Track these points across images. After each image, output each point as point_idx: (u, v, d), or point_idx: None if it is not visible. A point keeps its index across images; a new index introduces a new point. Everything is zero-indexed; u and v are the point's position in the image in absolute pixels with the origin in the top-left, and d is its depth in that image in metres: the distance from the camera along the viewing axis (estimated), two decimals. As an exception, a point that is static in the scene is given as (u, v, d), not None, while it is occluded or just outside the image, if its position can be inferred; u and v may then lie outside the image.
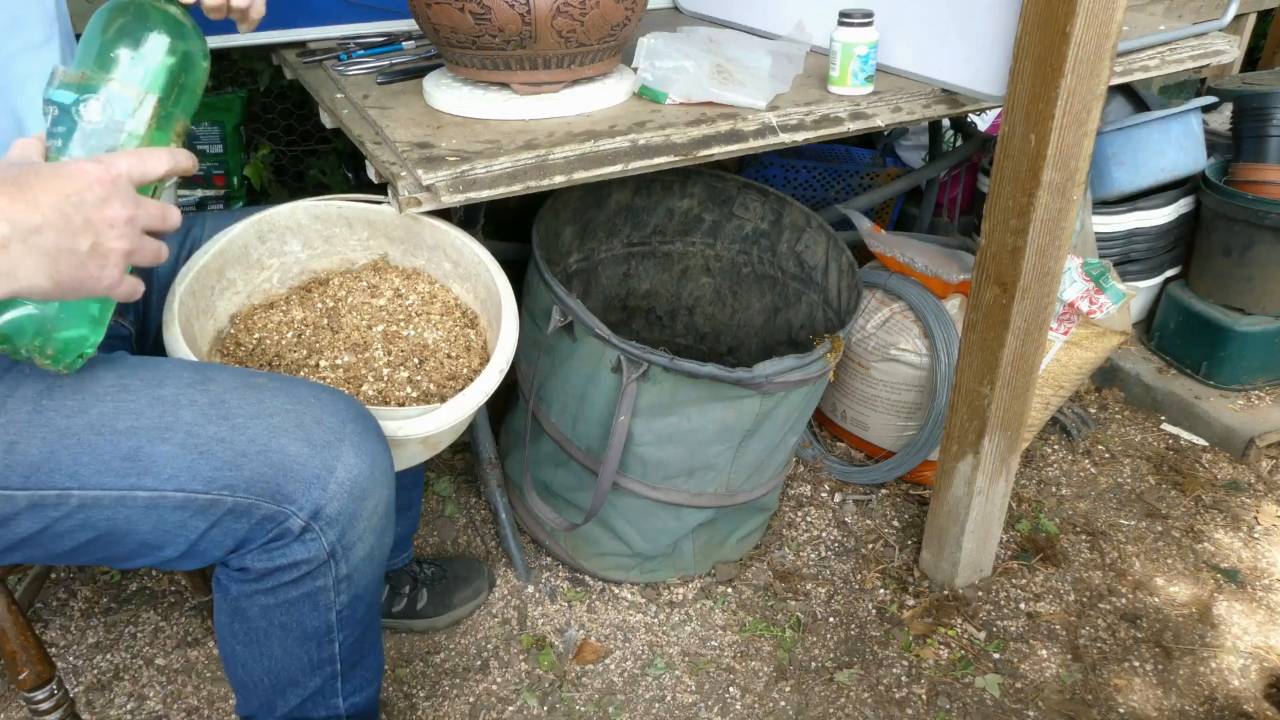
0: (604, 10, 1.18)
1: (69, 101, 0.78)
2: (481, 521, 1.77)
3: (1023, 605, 1.59)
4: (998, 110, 1.58)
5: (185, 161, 0.77)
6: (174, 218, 0.76)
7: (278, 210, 1.19)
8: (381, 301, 1.20)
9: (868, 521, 1.78)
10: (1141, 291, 2.17)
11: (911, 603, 1.60)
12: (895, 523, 1.77)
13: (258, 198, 2.21)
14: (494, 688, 1.45)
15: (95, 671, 1.47)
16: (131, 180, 0.72)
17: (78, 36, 0.86)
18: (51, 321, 0.77)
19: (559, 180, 1.13)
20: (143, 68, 0.81)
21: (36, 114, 0.92)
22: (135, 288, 0.75)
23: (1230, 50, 1.56)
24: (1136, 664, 1.49)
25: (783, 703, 1.43)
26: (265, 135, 2.26)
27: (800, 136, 1.26)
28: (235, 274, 1.18)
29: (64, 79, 0.78)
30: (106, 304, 0.81)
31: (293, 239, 1.22)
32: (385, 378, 1.10)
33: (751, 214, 1.77)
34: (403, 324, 1.17)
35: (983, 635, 1.54)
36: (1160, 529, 1.76)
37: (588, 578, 1.63)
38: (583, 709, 1.41)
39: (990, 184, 1.30)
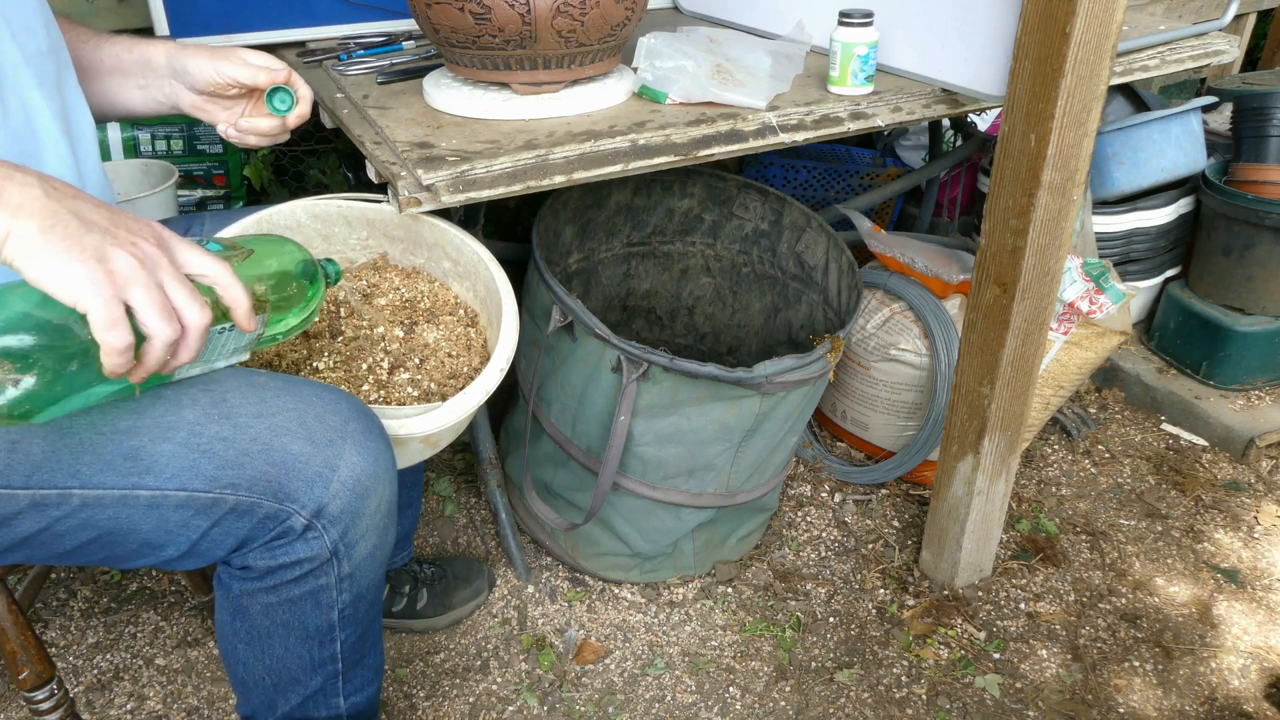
0: (604, 10, 1.18)
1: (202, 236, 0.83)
2: (481, 521, 1.77)
3: (1023, 605, 1.59)
4: (998, 110, 1.58)
5: (235, 295, 0.75)
6: (198, 314, 0.71)
7: (277, 209, 1.19)
8: (381, 300, 1.20)
9: (868, 521, 1.78)
10: (1141, 291, 2.17)
11: (911, 603, 1.60)
12: (895, 523, 1.77)
13: (258, 197, 2.21)
14: (494, 688, 1.45)
15: (95, 671, 1.47)
16: (180, 249, 0.73)
17: None
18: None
19: (559, 180, 1.13)
20: (271, 264, 0.87)
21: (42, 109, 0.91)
22: (120, 329, 0.66)
23: (1230, 50, 1.56)
24: (1136, 664, 1.49)
25: (783, 703, 1.43)
26: (265, 135, 2.26)
27: (800, 136, 1.26)
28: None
29: (215, 240, 0.84)
30: (84, 375, 0.70)
31: (293, 238, 1.22)
32: (385, 377, 1.10)
33: (751, 214, 1.77)
34: (403, 323, 1.17)
35: (983, 635, 1.54)
36: (1160, 529, 1.76)
37: (588, 578, 1.63)
38: (583, 709, 1.41)
39: (990, 184, 1.30)
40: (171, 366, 0.73)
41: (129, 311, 0.68)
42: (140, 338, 0.69)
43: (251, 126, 1.07)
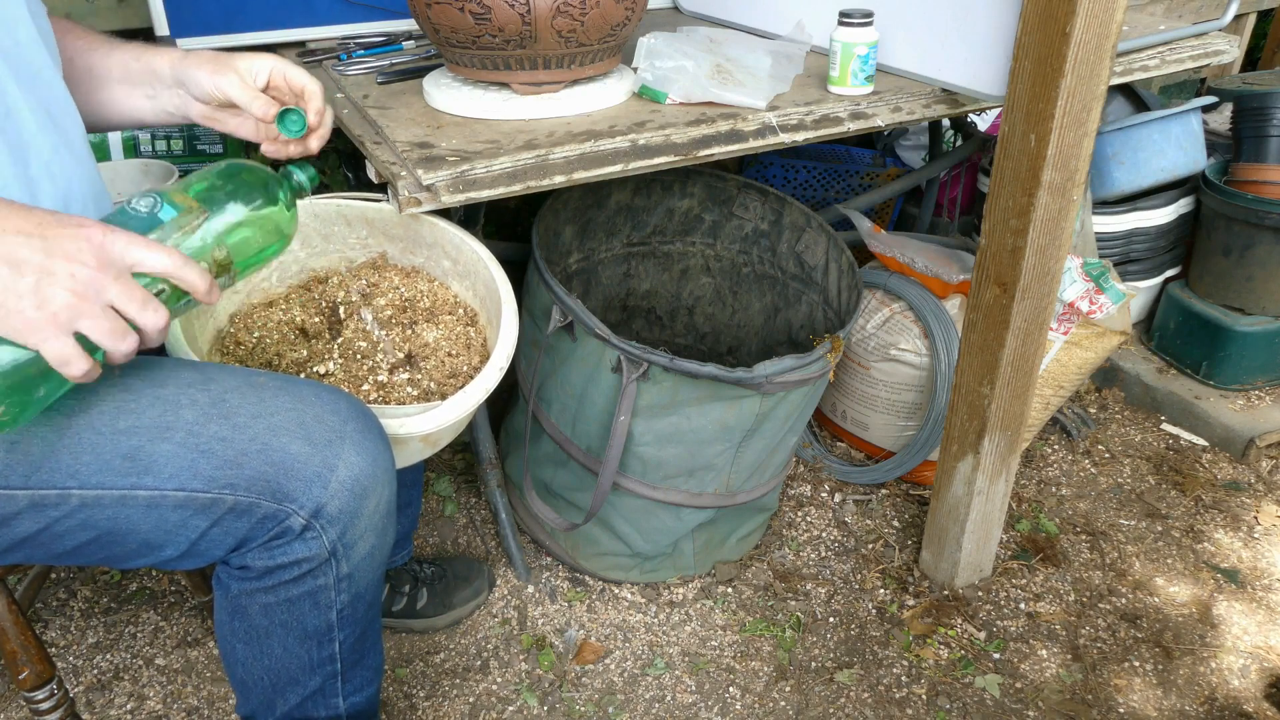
0: (604, 10, 1.18)
1: (137, 199, 0.79)
2: (481, 521, 1.77)
3: (1023, 605, 1.59)
4: (998, 110, 1.58)
5: (189, 276, 0.75)
6: (152, 316, 0.72)
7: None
8: (381, 300, 1.20)
9: (868, 521, 1.78)
10: (1141, 291, 2.17)
11: (911, 603, 1.60)
12: (895, 523, 1.77)
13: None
14: (494, 688, 1.45)
15: (95, 671, 1.47)
16: (125, 255, 0.72)
17: None
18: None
19: (559, 180, 1.13)
20: (229, 214, 0.83)
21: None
22: (70, 358, 0.69)
23: (1230, 50, 1.56)
24: (1136, 664, 1.49)
25: (783, 703, 1.43)
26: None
27: (800, 136, 1.26)
28: (235, 273, 1.18)
29: (155, 188, 0.81)
30: (53, 387, 0.74)
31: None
32: (385, 376, 1.10)
33: (751, 214, 1.77)
34: (402, 322, 1.17)
35: (983, 635, 1.54)
36: (1160, 529, 1.76)
37: (588, 578, 1.63)
38: (583, 709, 1.41)
39: (990, 184, 1.30)
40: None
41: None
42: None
43: (275, 152, 1.04)
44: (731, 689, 1.45)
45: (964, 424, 1.46)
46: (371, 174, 1.18)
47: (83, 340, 0.71)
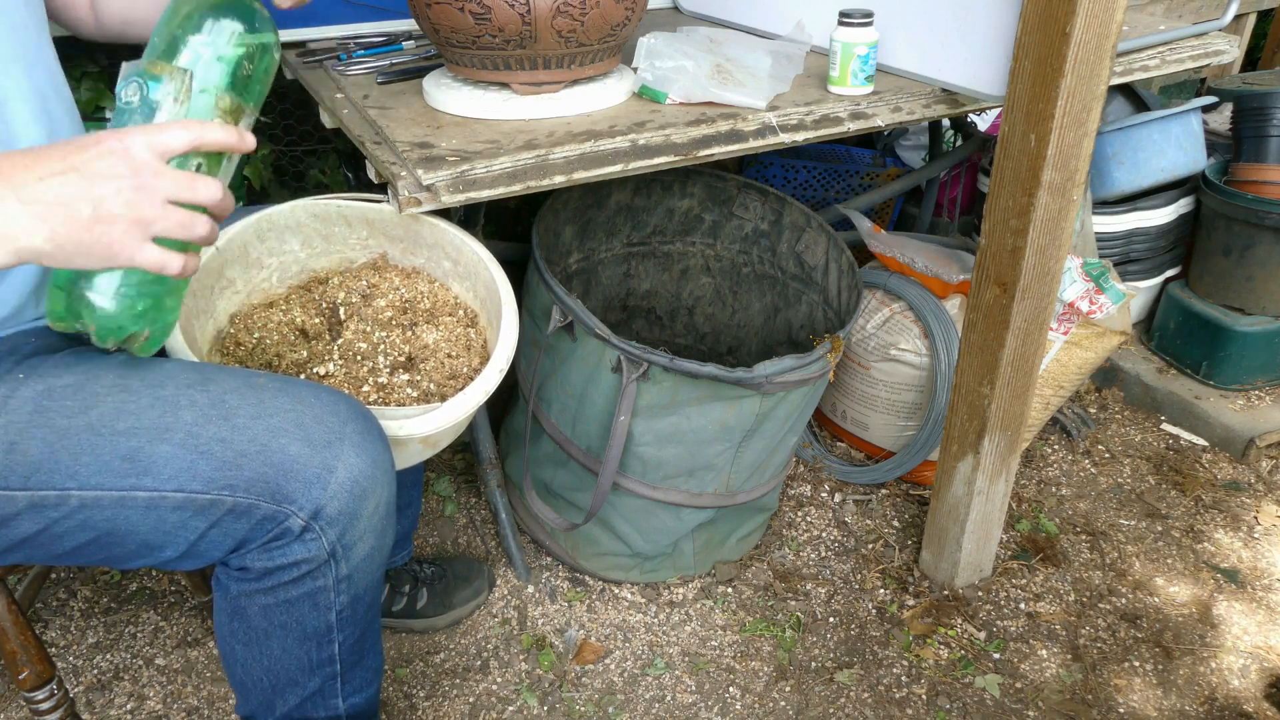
0: (604, 10, 1.18)
1: (121, 90, 0.78)
2: (481, 521, 1.77)
3: (1023, 605, 1.59)
4: (998, 110, 1.58)
5: (215, 135, 0.75)
6: (206, 190, 0.74)
7: (277, 209, 1.19)
8: (381, 301, 1.20)
9: (868, 521, 1.78)
10: (1141, 291, 2.17)
11: (911, 603, 1.60)
12: (895, 523, 1.77)
13: (258, 197, 2.21)
14: (494, 688, 1.45)
15: (95, 671, 1.47)
16: (152, 149, 0.73)
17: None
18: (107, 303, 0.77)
19: (559, 180, 1.13)
20: (204, 56, 0.81)
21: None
22: (165, 261, 0.74)
23: (1230, 50, 1.56)
24: (1136, 664, 1.49)
25: (783, 703, 1.43)
26: (265, 135, 2.26)
27: (800, 136, 1.26)
28: (234, 273, 1.18)
29: (127, 71, 0.80)
30: (171, 290, 0.80)
31: (292, 238, 1.22)
32: (385, 377, 1.10)
33: (751, 214, 1.77)
34: (402, 323, 1.17)
35: (983, 635, 1.54)
36: (1160, 529, 1.76)
37: (588, 578, 1.63)
38: (583, 709, 1.41)
39: (990, 184, 1.30)
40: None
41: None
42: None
43: None
44: (731, 689, 1.45)
45: (964, 424, 1.46)
46: (371, 174, 1.18)
47: (165, 241, 0.74)
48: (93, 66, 1.79)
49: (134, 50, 0.94)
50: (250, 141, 0.79)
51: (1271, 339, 1.97)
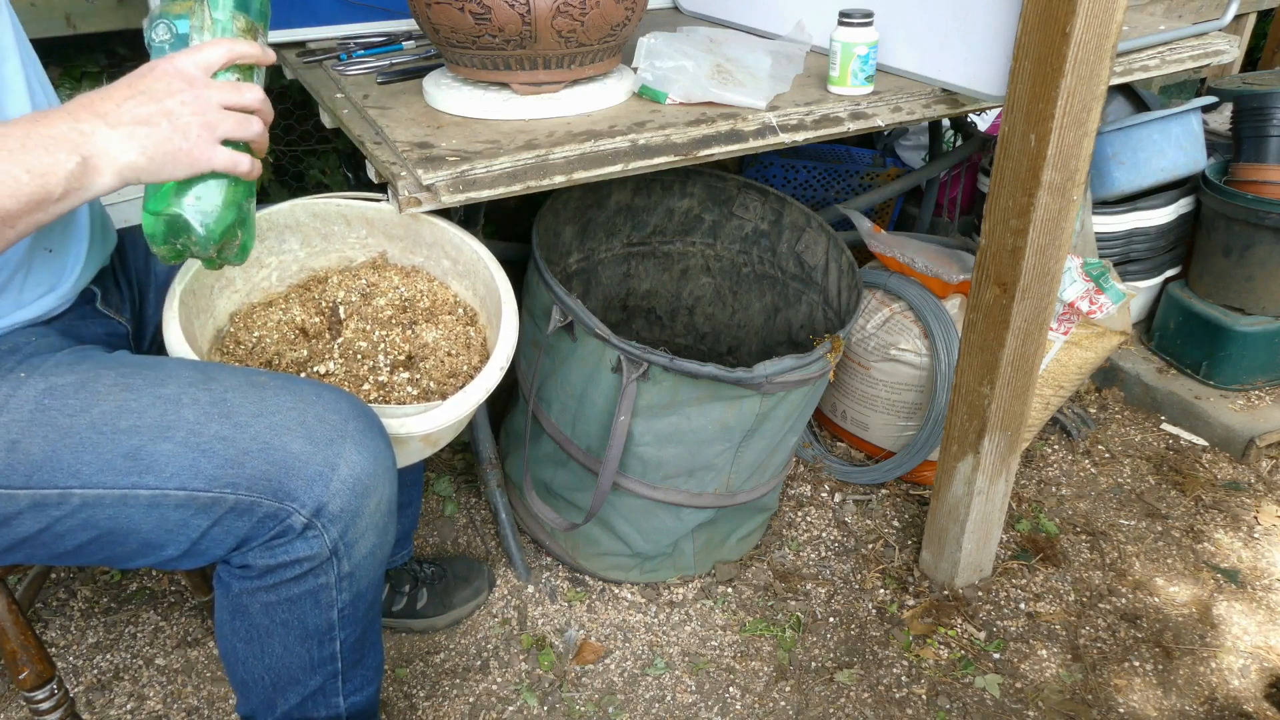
0: (604, 10, 1.18)
1: (151, 33, 0.88)
2: (481, 521, 1.77)
3: (1023, 605, 1.59)
4: (998, 110, 1.58)
5: (244, 48, 0.85)
6: (251, 93, 0.85)
7: (277, 208, 1.19)
8: (381, 300, 1.20)
9: (868, 521, 1.78)
10: (1141, 291, 2.17)
11: (911, 603, 1.60)
12: (895, 523, 1.77)
13: (258, 197, 2.21)
14: (494, 688, 1.45)
15: (95, 671, 1.47)
16: (198, 66, 0.83)
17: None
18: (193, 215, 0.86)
19: (559, 180, 1.13)
20: None
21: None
22: (236, 161, 0.84)
23: (1230, 50, 1.56)
24: (1136, 664, 1.49)
25: (783, 703, 1.43)
26: (265, 135, 2.26)
27: (800, 136, 1.26)
28: (234, 272, 1.18)
29: (152, 15, 0.90)
30: (236, 192, 0.87)
31: (291, 237, 1.22)
32: (385, 375, 1.10)
33: (751, 214, 1.77)
34: (402, 322, 1.17)
35: (983, 635, 1.54)
36: (1160, 529, 1.76)
37: (588, 578, 1.63)
38: (583, 709, 1.41)
39: (990, 184, 1.30)
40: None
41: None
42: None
43: None
44: (731, 689, 1.45)
45: (964, 424, 1.46)
46: (371, 174, 1.18)
47: (229, 144, 0.84)
48: (93, 67, 1.79)
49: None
50: (271, 55, 0.89)
51: (1271, 339, 1.97)
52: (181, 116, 0.81)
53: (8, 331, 0.96)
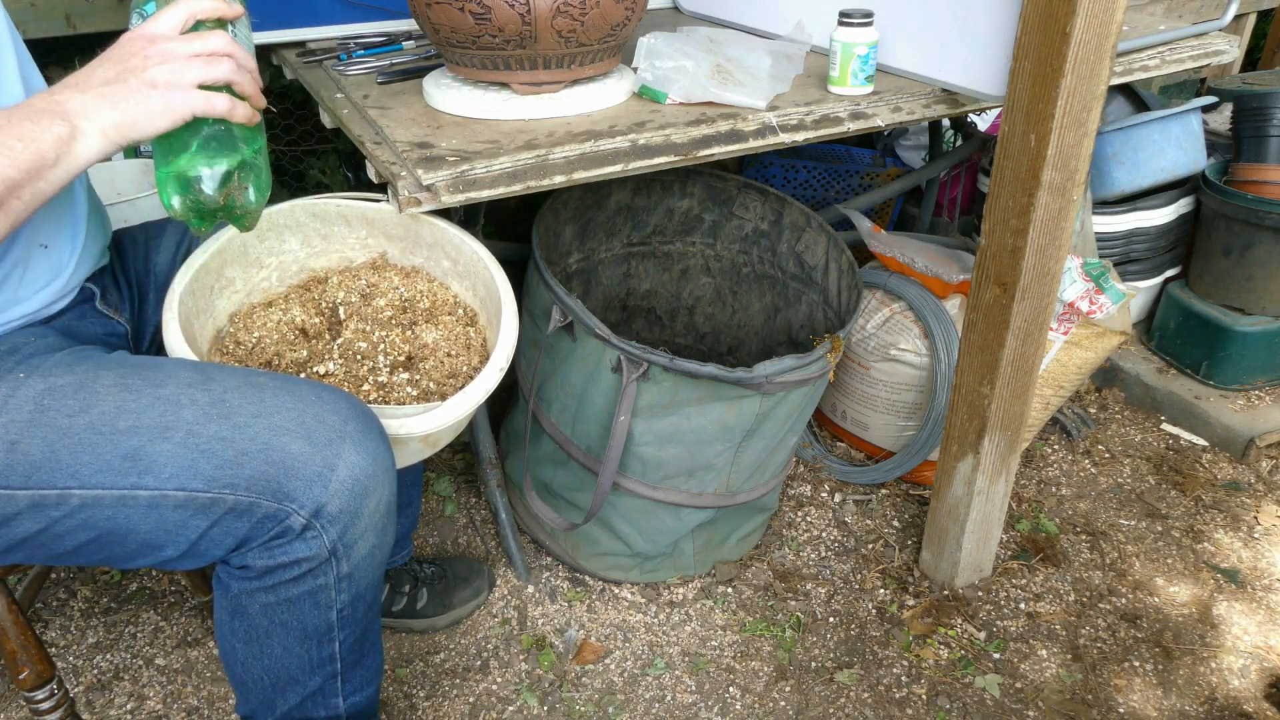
0: (604, 10, 1.18)
1: (130, 22, 0.92)
2: (481, 521, 1.77)
3: (1023, 605, 1.59)
4: (998, 110, 1.58)
5: (203, 4, 0.88)
6: (216, 40, 0.87)
7: (276, 209, 1.19)
8: (381, 300, 1.20)
9: (868, 521, 1.78)
10: (1141, 291, 2.17)
11: (911, 603, 1.60)
12: (895, 523, 1.77)
13: (259, 197, 2.21)
14: (494, 688, 1.45)
15: (95, 671, 1.47)
16: (159, 27, 0.86)
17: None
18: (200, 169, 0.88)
19: (559, 180, 1.13)
20: None
21: None
22: (211, 102, 0.85)
23: (1230, 50, 1.56)
24: (1136, 664, 1.49)
25: (783, 703, 1.43)
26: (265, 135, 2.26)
27: (800, 136, 1.26)
28: (234, 273, 1.18)
29: (133, 6, 0.95)
30: (230, 135, 0.89)
31: (291, 237, 1.22)
32: (385, 376, 1.10)
33: (751, 214, 1.77)
34: (402, 322, 1.17)
35: (983, 635, 1.54)
36: (1160, 529, 1.76)
37: (588, 578, 1.63)
38: (583, 709, 1.41)
39: (990, 184, 1.30)
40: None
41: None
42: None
43: None
44: (731, 689, 1.45)
45: (964, 424, 1.46)
46: (371, 174, 1.18)
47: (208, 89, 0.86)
48: (92, 67, 1.79)
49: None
50: (237, 7, 0.92)
51: (1271, 339, 1.97)
52: (146, 70, 0.84)
53: (7, 331, 0.96)
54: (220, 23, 0.91)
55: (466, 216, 1.39)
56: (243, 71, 0.89)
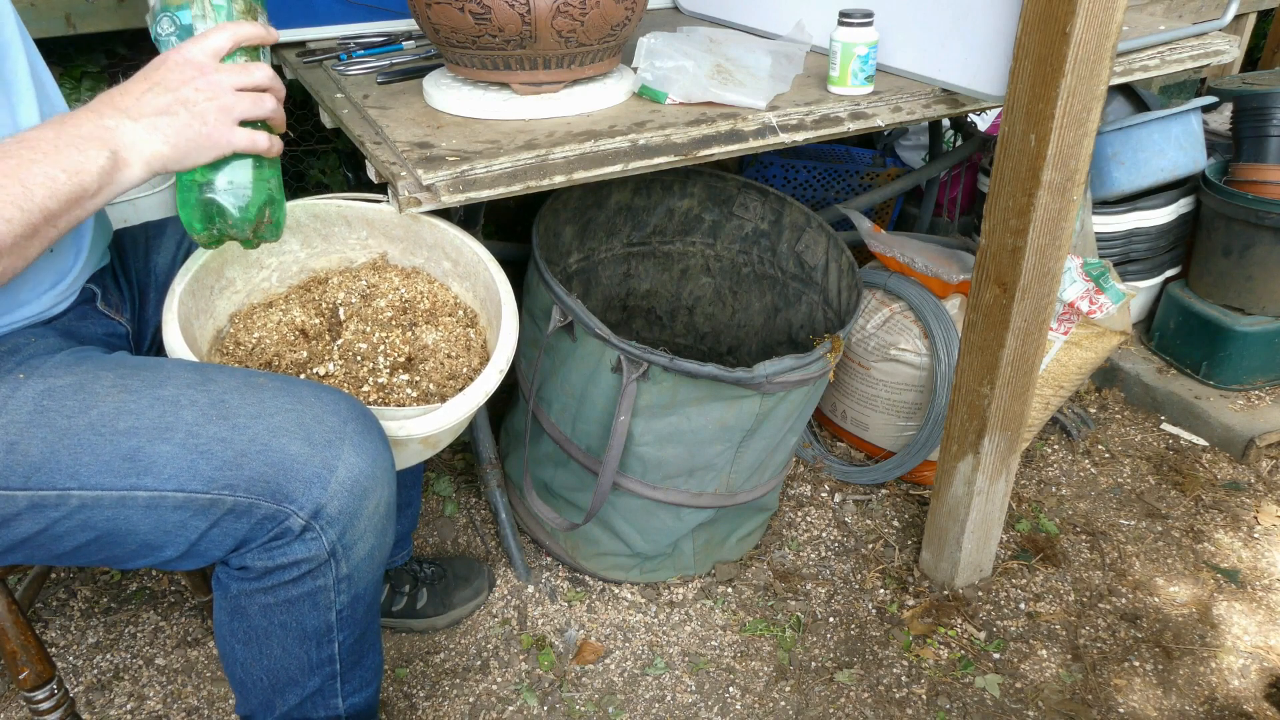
0: (604, 10, 1.18)
1: (156, 27, 0.91)
2: (481, 521, 1.77)
3: (1023, 605, 1.59)
4: (998, 110, 1.58)
5: (248, 30, 0.88)
6: (260, 72, 0.88)
7: (277, 210, 1.19)
8: (381, 301, 1.20)
9: (868, 521, 1.78)
10: (1141, 291, 2.17)
11: (911, 603, 1.60)
12: (895, 523, 1.77)
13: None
14: (494, 688, 1.45)
15: (95, 671, 1.47)
16: (205, 53, 0.86)
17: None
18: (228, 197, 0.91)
19: (559, 180, 1.13)
20: None
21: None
22: (255, 140, 0.88)
23: (1230, 50, 1.56)
24: (1136, 664, 1.49)
25: (783, 703, 1.43)
26: (265, 135, 2.26)
27: (800, 136, 1.26)
28: (234, 273, 1.18)
29: (154, 10, 0.92)
30: (261, 170, 0.91)
31: (291, 238, 1.22)
32: (385, 377, 1.10)
33: (751, 214, 1.77)
34: (402, 323, 1.17)
35: (983, 635, 1.54)
36: (1160, 529, 1.76)
37: (588, 578, 1.63)
38: (583, 709, 1.41)
39: (990, 184, 1.30)
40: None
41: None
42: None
43: None
44: (731, 689, 1.45)
45: (964, 424, 1.46)
46: (371, 174, 1.18)
47: (247, 124, 0.88)
48: (93, 67, 1.79)
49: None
50: (275, 33, 0.92)
51: (1271, 339, 1.97)
52: (198, 103, 0.84)
53: (8, 332, 0.96)
54: (256, 49, 0.91)
55: (467, 216, 1.39)
56: (280, 108, 0.90)
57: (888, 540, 1.73)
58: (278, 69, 1.65)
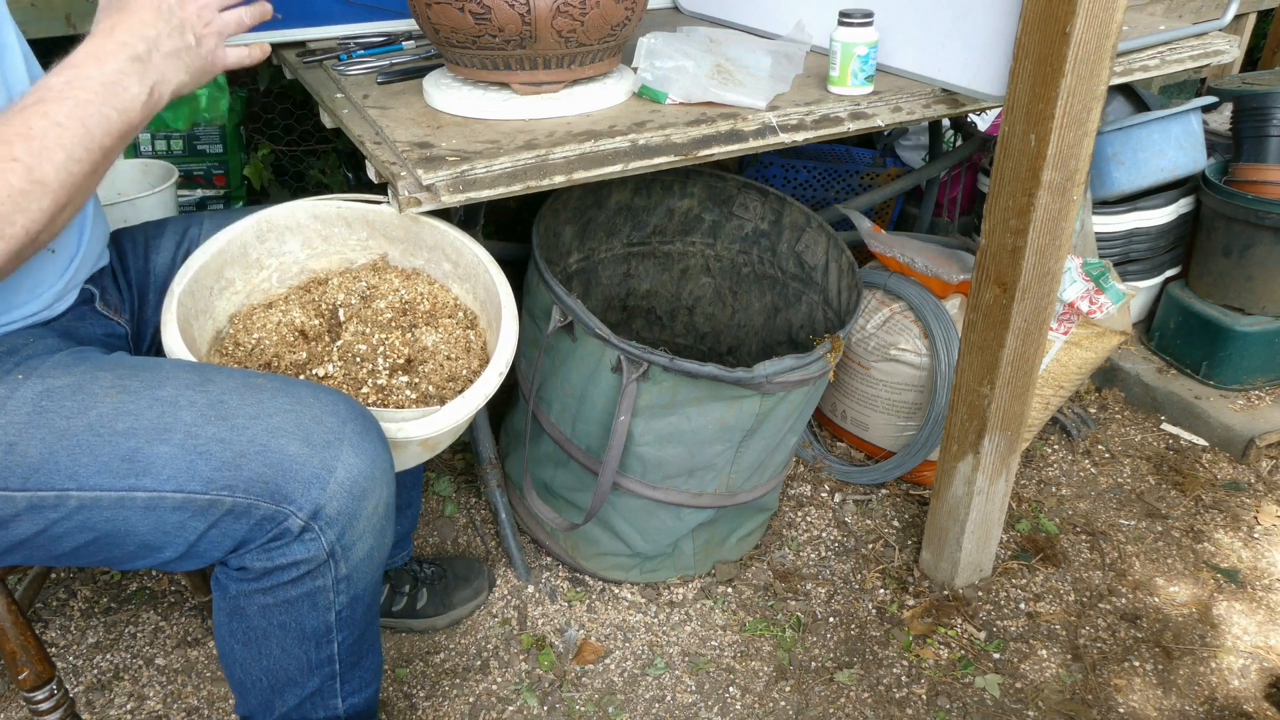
0: (604, 10, 1.18)
1: None
2: (481, 521, 1.77)
3: (1023, 605, 1.59)
4: (998, 110, 1.58)
5: None
6: None
7: (277, 210, 1.19)
8: (381, 302, 1.20)
9: (868, 521, 1.78)
10: (1141, 291, 2.17)
11: (911, 603, 1.60)
12: (895, 523, 1.77)
13: (258, 197, 2.21)
14: (494, 688, 1.45)
15: (95, 671, 1.47)
16: None
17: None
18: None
19: (559, 180, 1.13)
20: None
21: None
22: (241, 56, 0.98)
23: (1230, 50, 1.55)
24: (1136, 664, 1.49)
25: (783, 703, 1.43)
26: (265, 135, 2.26)
27: (800, 136, 1.26)
28: (234, 274, 1.18)
29: None
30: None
31: (291, 238, 1.22)
32: (384, 379, 1.10)
33: (751, 214, 1.77)
34: (402, 325, 1.17)
35: (983, 635, 1.54)
36: (1160, 529, 1.76)
37: (588, 578, 1.63)
38: (583, 709, 1.41)
39: (990, 184, 1.30)
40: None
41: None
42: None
43: None
44: (731, 689, 1.45)
45: (964, 424, 1.46)
46: (371, 174, 1.18)
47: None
48: (93, 66, 1.78)
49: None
50: None
51: (1271, 339, 1.97)
52: (196, 29, 0.92)
53: (7, 333, 0.96)
54: None
55: (467, 216, 1.39)
56: (258, 11, 0.99)
57: (888, 540, 1.73)
58: (277, 69, 1.65)
